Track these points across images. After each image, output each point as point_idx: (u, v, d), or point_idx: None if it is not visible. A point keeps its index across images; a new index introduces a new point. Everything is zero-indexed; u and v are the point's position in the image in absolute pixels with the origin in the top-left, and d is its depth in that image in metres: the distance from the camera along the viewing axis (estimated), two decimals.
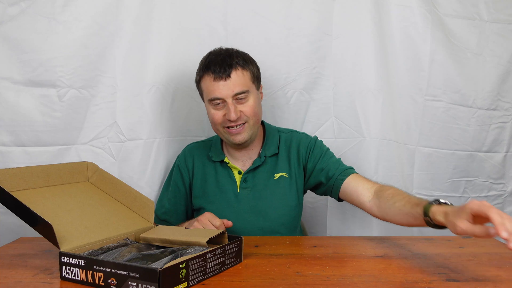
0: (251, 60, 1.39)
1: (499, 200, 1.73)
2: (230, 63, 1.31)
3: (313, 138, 1.47)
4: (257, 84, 1.40)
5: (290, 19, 1.64)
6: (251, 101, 1.34)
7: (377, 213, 1.25)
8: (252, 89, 1.35)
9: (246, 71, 1.34)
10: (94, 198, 1.20)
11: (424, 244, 1.23)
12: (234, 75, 1.31)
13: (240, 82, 1.31)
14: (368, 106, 1.70)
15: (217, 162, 1.44)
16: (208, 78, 1.33)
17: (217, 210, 1.39)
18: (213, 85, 1.32)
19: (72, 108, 1.53)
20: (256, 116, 1.36)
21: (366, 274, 0.99)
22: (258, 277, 0.97)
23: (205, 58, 1.37)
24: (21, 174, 1.12)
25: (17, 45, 1.46)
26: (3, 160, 1.50)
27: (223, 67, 1.30)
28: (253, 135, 1.39)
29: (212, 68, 1.32)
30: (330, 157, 1.42)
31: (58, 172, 1.21)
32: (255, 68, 1.39)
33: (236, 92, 1.31)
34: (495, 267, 1.04)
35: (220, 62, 1.31)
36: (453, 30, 1.60)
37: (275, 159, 1.43)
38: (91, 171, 1.29)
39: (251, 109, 1.33)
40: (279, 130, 1.49)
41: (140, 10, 1.56)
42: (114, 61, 1.56)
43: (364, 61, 1.68)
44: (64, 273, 0.95)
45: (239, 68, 1.32)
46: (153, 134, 1.63)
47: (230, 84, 1.30)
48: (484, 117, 1.66)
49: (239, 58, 1.34)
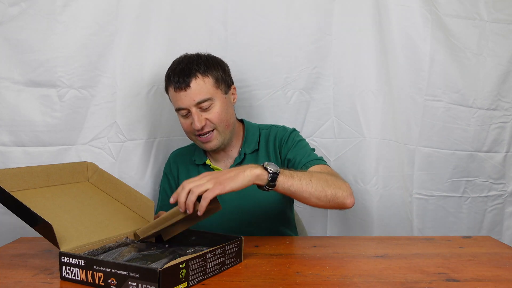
0: (215, 64, 1.36)
1: (499, 200, 1.73)
2: (188, 72, 1.30)
3: (289, 130, 1.46)
4: (224, 88, 1.37)
5: (290, 19, 1.64)
6: (216, 107, 1.33)
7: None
8: (217, 95, 1.34)
9: (208, 78, 1.32)
10: (94, 198, 1.20)
11: (424, 244, 1.23)
12: (193, 84, 1.30)
13: (201, 90, 1.30)
14: (368, 106, 1.70)
15: (200, 165, 1.45)
16: (171, 89, 1.34)
17: None
18: (175, 95, 1.32)
19: (72, 108, 1.53)
20: (224, 122, 1.34)
21: (366, 274, 0.99)
22: (258, 277, 0.97)
23: (168, 68, 1.37)
24: (21, 174, 1.12)
25: (17, 45, 1.46)
26: (3, 160, 1.50)
27: (181, 77, 1.30)
28: (226, 140, 1.38)
29: (172, 79, 1.32)
30: (301, 147, 1.39)
31: (58, 172, 1.21)
32: (219, 72, 1.36)
33: (198, 101, 1.30)
34: (495, 267, 1.04)
35: (179, 72, 1.31)
36: (453, 30, 1.60)
37: (256, 156, 1.42)
38: (91, 171, 1.29)
39: (216, 115, 1.33)
40: (260, 127, 1.48)
41: (140, 10, 1.56)
42: (114, 61, 1.56)
43: (364, 61, 1.68)
44: (64, 273, 0.95)
45: (199, 75, 1.31)
46: (153, 134, 1.64)
47: (190, 94, 1.30)
48: (484, 117, 1.66)
49: (200, 65, 1.32)
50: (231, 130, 1.40)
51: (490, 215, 1.74)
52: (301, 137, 1.44)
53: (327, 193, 1.13)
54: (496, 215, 1.74)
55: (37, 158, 1.52)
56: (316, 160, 1.33)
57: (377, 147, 1.71)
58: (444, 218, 1.73)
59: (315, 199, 1.13)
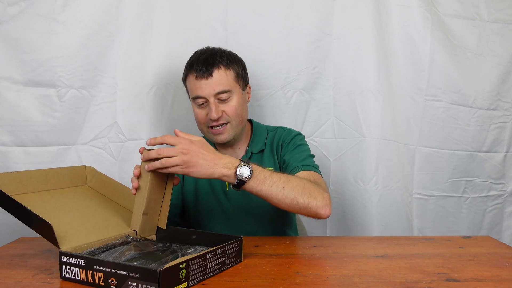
0: (237, 60, 1.38)
1: (499, 200, 1.73)
2: (212, 62, 1.31)
3: (294, 133, 1.45)
4: (243, 84, 1.38)
5: (290, 19, 1.64)
6: (234, 101, 1.33)
7: None
8: (236, 89, 1.34)
9: (229, 71, 1.33)
10: (93, 201, 1.20)
11: (424, 244, 1.23)
12: (216, 74, 1.31)
13: (222, 81, 1.31)
14: (368, 106, 1.70)
15: None
16: (191, 77, 1.34)
17: (206, 207, 1.41)
18: (196, 83, 1.32)
19: (72, 108, 1.53)
20: (239, 117, 1.35)
21: (366, 274, 0.99)
22: (258, 277, 0.97)
23: (191, 57, 1.38)
24: (19, 178, 1.12)
25: (17, 45, 1.46)
26: (3, 160, 1.50)
27: (205, 65, 1.30)
28: (237, 136, 1.38)
29: (195, 67, 1.32)
30: (299, 151, 1.39)
31: (56, 176, 1.21)
32: (240, 68, 1.37)
33: (218, 91, 1.30)
34: (495, 267, 1.04)
35: (202, 61, 1.32)
36: (453, 30, 1.60)
37: (261, 156, 1.43)
38: (89, 175, 1.28)
39: (233, 109, 1.33)
40: (268, 129, 1.49)
41: (140, 10, 1.57)
42: (114, 61, 1.56)
43: (364, 61, 1.68)
44: (64, 272, 0.95)
45: (222, 67, 1.32)
46: (153, 134, 1.63)
47: (211, 83, 1.30)
48: (484, 117, 1.66)
49: (223, 57, 1.33)
50: (243, 127, 1.40)
51: (490, 215, 1.74)
52: (303, 142, 1.44)
53: (298, 202, 1.13)
54: (495, 215, 1.74)
55: (37, 158, 1.52)
56: (307, 166, 1.32)
57: (377, 147, 1.71)
58: (444, 218, 1.73)
59: (285, 205, 1.13)
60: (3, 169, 1.51)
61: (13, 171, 1.17)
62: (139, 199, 1.09)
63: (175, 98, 1.64)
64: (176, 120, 1.66)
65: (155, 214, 1.13)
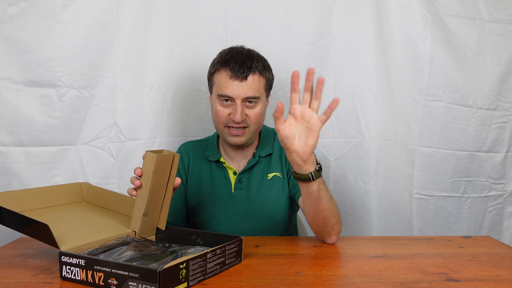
0: (269, 68, 1.37)
1: (499, 200, 1.73)
2: (250, 65, 1.30)
3: None
4: (268, 92, 1.39)
5: (290, 19, 1.64)
6: (258, 108, 1.33)
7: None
8: (263, 97, 1.34)
9: (263, 78, 1.32)
10: (92, 212, 1.20)
11: (424, 244, 1.23)
12: (250, 79, 1.29)
13: (255, 87, 1.30)
14: (368, 106, 1.70)
15: (212, 161, 1.43)
16: (224, 74, 1.31)
17: (210, 210, 1.40)
18: (227, 82, 1.30)
19: (72, 108, 1.53)
20: (258, 123, 1.35)
21: (366, 274, 0.99)
22: (258, 277, 0.97)
23: (226, 53, 1.34)
24: (15, 197, 1.12)
25: (17, 45, 1.46)
26: (3, 160, 1.50)
27: (242, 67, 1.29)
28: (251, 140, 1.38)
29: (232, 65, 1.30)
30: None
31: (52, 193, 1.21)
32: (271, 76, 1.37)
33: (248, 96, 1.29)
34: (495, 267, 1.04)
35: (240, 61, 1.30)
36: (453, 30, 1.60)
37: (269, 159, 1.42)
38: (85, 190, 1.28)
39: (256, 115, 1.33)
40: (274, 132, 1.48)
41: (140, 10, 1.57)
42: (114, 61, 1.56)
43: (364, 61, 1.68)
44: (64, 272, 0.95)
45: (257, 73, 1.31)
46: (153, 134, 1.63)
47: (244, 87, 1.29)
48: (484, 117, 1.66)
49: (260, 62, 1.32)
50: (257, 134, 1.40)
51: (490, 215, 1.74)
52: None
53: (331, 220, 1.17)
54: (496, 215, 1.74)
55: (36, 158, 1.52)
56: None
57: (377, 147, 1.71)
58: (444, 218, 1.73)
59: (322, 215, 1.15)
60: (3, 169, 1.51)
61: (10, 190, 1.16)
62: (140, 199, 1.09)
63: (175, 98, 1.64)
64: (176, 120, 1.66)
65: (155, 215, 1.13)
